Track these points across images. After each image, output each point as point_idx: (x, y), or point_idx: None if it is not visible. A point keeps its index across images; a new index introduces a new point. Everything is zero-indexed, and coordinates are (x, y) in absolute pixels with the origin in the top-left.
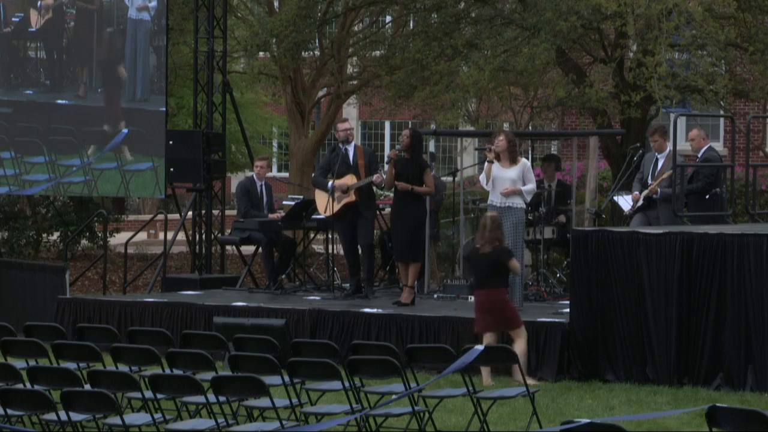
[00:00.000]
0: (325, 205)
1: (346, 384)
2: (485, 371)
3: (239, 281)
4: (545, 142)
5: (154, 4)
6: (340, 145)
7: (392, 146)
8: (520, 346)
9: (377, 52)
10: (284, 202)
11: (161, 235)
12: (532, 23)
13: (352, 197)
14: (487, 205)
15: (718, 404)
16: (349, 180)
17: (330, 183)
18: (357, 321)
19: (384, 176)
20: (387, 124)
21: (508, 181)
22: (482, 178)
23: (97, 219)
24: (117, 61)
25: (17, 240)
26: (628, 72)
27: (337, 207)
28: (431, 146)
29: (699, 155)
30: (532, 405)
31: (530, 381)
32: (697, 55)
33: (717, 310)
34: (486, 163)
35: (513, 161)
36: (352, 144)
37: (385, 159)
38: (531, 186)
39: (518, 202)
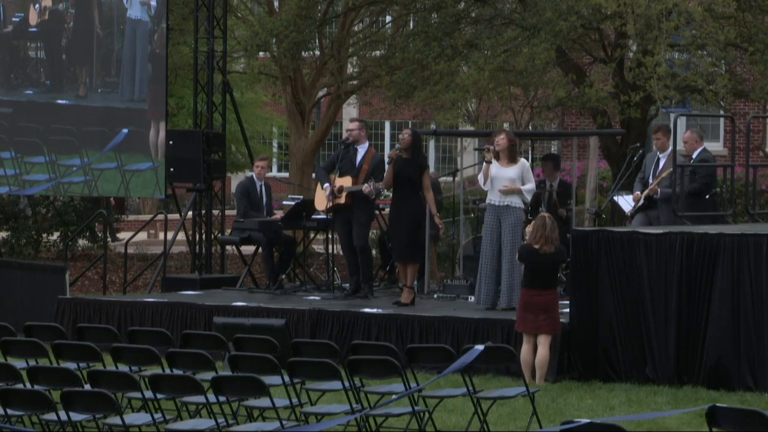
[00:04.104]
0: (320, 198)
1: (346, 384)
2: (538, 374)
3: (239, 281)
4: (545, 142)
5: (154, 3)
6: (354, 145)
7: (392, 146)
8: (544, 351)
9: (377, 52)
10: (284, 202)
11: (161, 235)
12: (532, 23)
13: (342, 200)
14: (486, 204)
15: (718, 404)
16: (346, 182)
17: (326, 184)
18: (357, 321)
19: (376, 188)
20: (387, 124)
21: (507, 180)
22: (480, 177)
23: (97, 219)
24: (117, 61)
25: (17, 240)
26: (628, 72)
27: (329, 205)
28: (431, 146)
29: (693, 157)
30: (532, 405)
31: (541, 383)
32: (697, 55)
33: (717, 310)
34: (484, 164)
35: (512, 161)
36: (365, 145)
37: (386, 159)
38: (530, 186)
39: (516, 202)
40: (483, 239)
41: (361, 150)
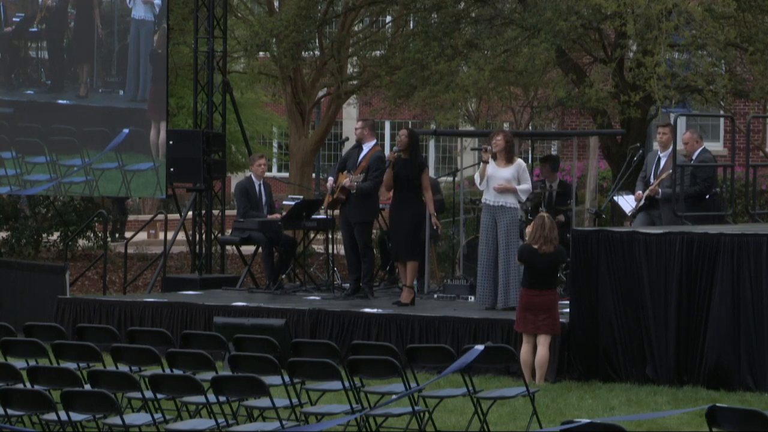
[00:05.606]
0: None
1: (346, 384)
2: (538, 374)
3: (239, 281)
4: (545, 142)
5: (158, 1)
6: (361, 144)
7: (392, 146)
8: (543, 351)
9: (377, 52)
10: (284, 202)
11: (161, 235)
12: (532, 23)
13: (335, 195)
14: (482, 203)
15: (718, 404)
16: (343, 179)
17: (330, 176)
18: (357, 321)
19: (356, 183)
20: (387, 124)
21: (503, 180)
22: (476, 177)
23: (97, 219)
24: (118, 61)
25: (17, 240)
26: (627, 72)
27: (328, 201)
28: (431, 146)
29: (693, 157)
30: (532, 405)
31: (541, 383)
32: (697, 55)
33: (717, 310)
34: (481, 164)
35: (509, 161)
36: (370, 144)
37: (386, 163)
38: (526, 186)
39: (512, 202)
40: (480, 239)
41: (366, 148)
